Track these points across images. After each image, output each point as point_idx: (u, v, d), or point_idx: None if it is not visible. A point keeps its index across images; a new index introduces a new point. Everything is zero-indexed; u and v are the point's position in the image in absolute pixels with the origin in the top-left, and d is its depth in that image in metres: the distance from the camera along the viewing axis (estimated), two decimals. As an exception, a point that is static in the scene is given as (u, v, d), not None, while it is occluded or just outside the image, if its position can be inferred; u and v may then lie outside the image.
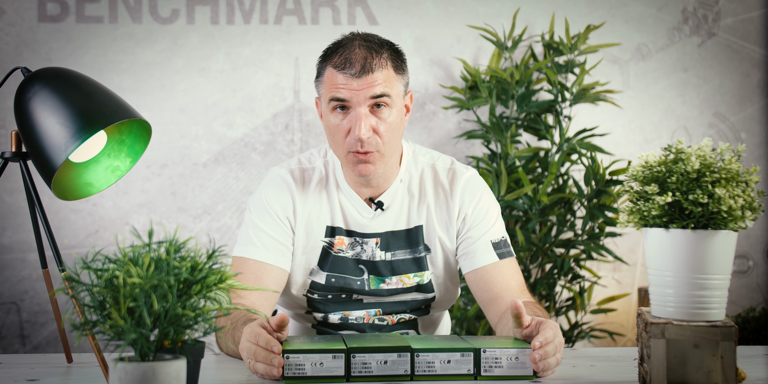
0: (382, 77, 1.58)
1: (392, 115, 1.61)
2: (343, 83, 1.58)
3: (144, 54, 3.18)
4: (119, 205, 3.18)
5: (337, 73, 1.59)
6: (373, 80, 1.57)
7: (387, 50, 1.62)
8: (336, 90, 1.59)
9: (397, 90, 1.62)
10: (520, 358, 1.35)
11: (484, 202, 1.74)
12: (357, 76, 1.57)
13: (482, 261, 1.70)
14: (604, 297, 3.18)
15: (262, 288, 1.30)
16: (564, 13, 3.27)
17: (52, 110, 1.36)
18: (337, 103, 1.59)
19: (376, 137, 1.60)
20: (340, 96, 1.58)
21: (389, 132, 1.61)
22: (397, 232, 1.72)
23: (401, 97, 1.64)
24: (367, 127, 1.58)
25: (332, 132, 1.62)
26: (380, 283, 1.72)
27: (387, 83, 1.59)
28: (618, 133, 3.33)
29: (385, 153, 1.62)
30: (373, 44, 1.61)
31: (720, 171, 1.23)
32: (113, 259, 1.08)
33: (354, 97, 1.58)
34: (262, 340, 1.32)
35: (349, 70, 1.57)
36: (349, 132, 1.60)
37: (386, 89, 1.59)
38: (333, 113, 1.61)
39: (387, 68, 1.60)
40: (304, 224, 1.71)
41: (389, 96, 1.59)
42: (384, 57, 1.60)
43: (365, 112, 1.58)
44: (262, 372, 1.32)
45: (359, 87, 1.57)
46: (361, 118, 1.58)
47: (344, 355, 1.32)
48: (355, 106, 1.58)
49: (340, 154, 1.64)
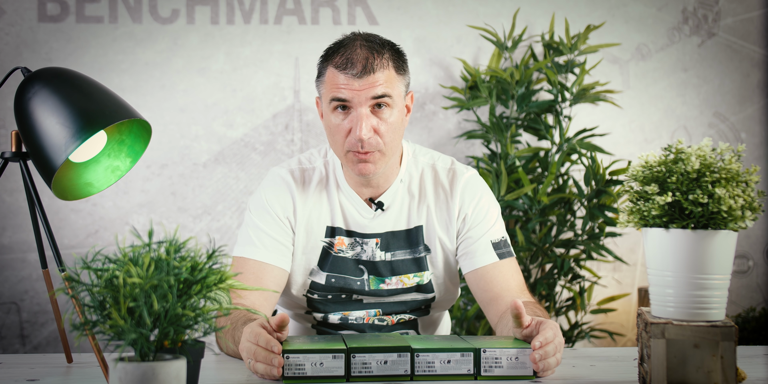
0: (384, 78, 1.58)
1: (393, 115, 1.61)
2: (344, 83, 1.58)
3: (144, 54, 3.18)
4: (119, 205, 3.18)
5: (338, 73, 1.59)
6: (374, 81, 1.57)
7: (388, 51, 1.62)
8: (337, 90, 1.59)
9: (398, 90, 1.62)
10: (520, 358, 1.35)
11: (484, 202, 1.74)
12: (358, 77, 1.57)
13: (482, 261, 1.70)
14: (604, 297, 3.18)
15: (262, 288, 1.30)
16: (564, 13, 3.27)
17: (52, 110, 1.36)
18: (338, 103, 1.59)
19: (377, 137, 1.60)
20: (342, 96, 1.58)
21: (390, 132, 1.61)
22: (397, 232, 1.72)
23: (402, 97, 1.64)
24: (368, 128, 1.58)
25: (333, 132, 1.62)
26: (380, 284, 1.72)
27: (388, 84, 1.59)
28: (618, 133, 3.33)
29: (386, 153, 1.62)
30: (375, 44, 1.61)
31: (720, 171, 1.23)
32: (113, 259, 1.08)
33: (355, 98, 1.58)
34: (262, 340, 1.32)
35: (351, 70, 1.57)
36: (349, 132, 1.60)
37: (387, 90, 1.59)
38: (334, 113, 1.61)
39: (388, 68, 1.60)
40: (304, 224, 1.71)
41: (390, 96, 1.59)
42: (385, 57, 1.60)
43: (366, 112, 1.58)
44: (262, 372, 1.32)
45: (360, 87, 1.57)
46: (362, 119, 1.57)
47: (344, 355, 1.32)
48: (356, 107, 1.58)
49: (340, 154, 1.64)
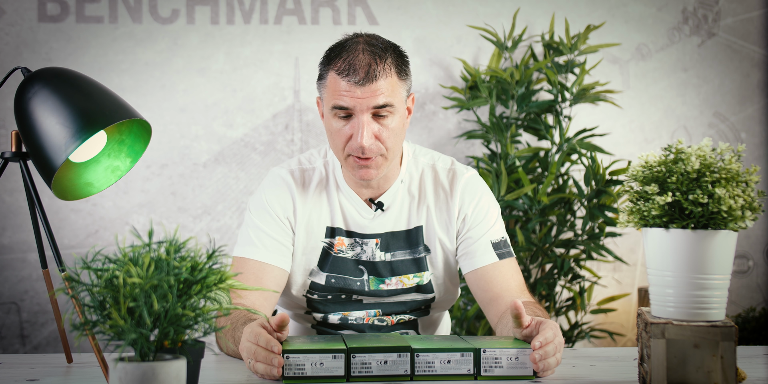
0: (386, 86, 1.57)
1: (395, 121, 1.60)
2: (346, 90, 1.56)
3: (144, 54, 3.18)
4: (119, 205, 3.18)
5: (340, 79, 1.57)
6: (376, 89, 1.56)
7: (391, 55, 1.60)
8: (339, 97, 1.57)
9: (400, 97, 1.61)
10: (520, 358, 1.35)
11: (484, 202, 1.74)
12: (361, 84, 1.55)
13: (482, 261, 1.70)
14: (604, 297, 3.18)
15: (262, 288, 1.30)
16: (564, 13, 3.26)
17: (52, 110, 1.36)
18: (340, 111, 1.58)
19: (378, 143, 1.59)
20: (343, 104, 1.57)
21: (392, 138, 1.60)
22: (396, 232, 1.72)
23: (404, 102, 1.63)
24: (370, 135, 1.57)
25: (333, 135, 1.62)
26: (380, 284, 1.72)
27: (390, 92, 1.57)
28: (618, 133, 3.33)
29: (388, 157, 1.62)
30: (377, 48, 1.59)
31: (720, 171, 1.23)
32: (113, 259, 1.08)
33: (357, 106, 1.56)
34: (262, 340, 1.32)
35: (353, 77, 1.55)
36: (350, 138, 1.59)
37: (389, 99, 1.57)
38: (335, 119, 1.60)
39: (391, 75, 1.58)
40: (304, 225, 1.71)
41: (392, 105, 1.58)
42: (388, 63, 1.58)
43: (368, 119, 1.57)
44: (262, 372, 1.32)
45: (362, 95, 1.56)
46: (364, 126, 1.56)
47: (344, 355, 1.32)
48: (357, 114, 1.57)
49: (341, 157, 1.64)
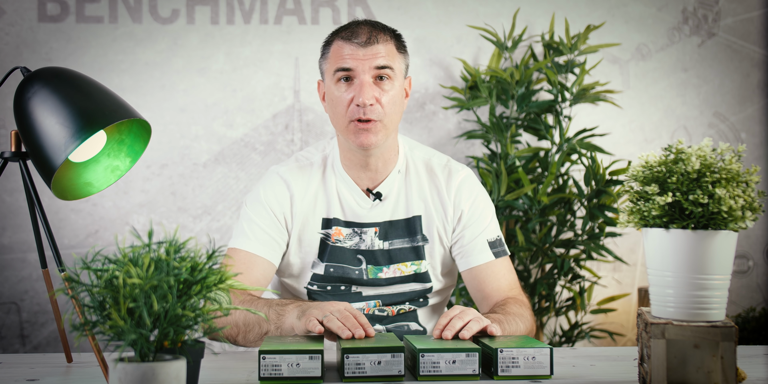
0: (386, 50, 1.68)
1: (394, 88, 1.69)
2: (348, 53, 1.66)
3: (144, 54, 3.18)
4: (119, 205, 3.18)
5: (344, 43, 1.68)
6: (377, 51, 1.67)
7: (390, 32, 1.73)
8: (342, 60, 1.67)
9: (399, 66, 1.71)
10: (537, 358, 1.36)
11: (480, 200, 1.79)
12: (363, 45, 1.66)
13: (479, 260, 1.76)
14: (604, 297, 3.18)
15: (261, 288, 1.33)
16: (564, 13, 3.26)
17: (52, 110, 1.36)
18: (343, 73, 1.67)
19: (378, 106, 1.66)
20: (346, 66, 1.66)
21: (391, 104, 1.68)
22: (395, 221, 1.76)
23: (403, 74, 1.72)
24: (370, 95, 1.65)
25: (335, 104, 1.69)
26: (378, 273, 1.76)
27: (390, 57, 1.68)
28: (618, 133, 3.33)
29: (387, 124, 1.68)
30: (378, 24, 1.73)
31: (720, 171, 1.23)
32: (113, 260, 1.08)
33: (359, 66, 1.65)
34: (360, 318, 1.44)
35: (356, 39, 1.67)
36: (351, 101, 1.66)
37: (389, 62, 1.68)
38: (337, 85, 1.68)
39: (390, 43, 1.70)
40: (301, 219, 1.75)
41: (392, 69, 1.68)
42: (388, 34, 1.71)
43: (369, 80, 1.66)
44: (336, 330, 1.40)
45: (364, 56, 1.66)
46: (365, 85, 1.65)
47: (320, 356, 1.31)
48: (359, 75, 1.66)
49: (342, 126, 1.69)
